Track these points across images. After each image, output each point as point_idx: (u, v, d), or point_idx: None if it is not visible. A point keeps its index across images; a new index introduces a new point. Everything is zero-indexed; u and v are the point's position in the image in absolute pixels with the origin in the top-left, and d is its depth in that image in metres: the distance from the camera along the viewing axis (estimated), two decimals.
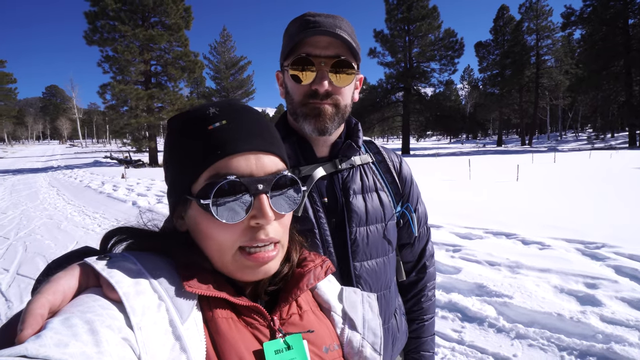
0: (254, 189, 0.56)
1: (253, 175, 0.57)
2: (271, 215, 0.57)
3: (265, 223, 0.57)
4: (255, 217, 0.57)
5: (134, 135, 27.15)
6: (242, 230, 0.57)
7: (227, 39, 46.29)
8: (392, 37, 37.16)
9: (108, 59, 24.67)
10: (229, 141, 0.57)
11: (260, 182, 0.57)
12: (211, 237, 0.59)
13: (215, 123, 0.58)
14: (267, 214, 0.56)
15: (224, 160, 0.56)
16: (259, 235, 0.58)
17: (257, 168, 0.58)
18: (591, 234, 5.18)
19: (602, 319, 2.99)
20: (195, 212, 0.60)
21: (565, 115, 58.91)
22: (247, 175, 0.57)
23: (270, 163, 0.60)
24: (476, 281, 3.78)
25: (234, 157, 0.57)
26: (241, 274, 0.60)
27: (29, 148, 65.33)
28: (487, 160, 21.20)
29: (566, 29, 38.71)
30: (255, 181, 0.57)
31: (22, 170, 23.52)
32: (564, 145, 39.80)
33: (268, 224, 0.58)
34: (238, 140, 0.57)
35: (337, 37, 0.93)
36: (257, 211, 0.57)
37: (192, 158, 0.58)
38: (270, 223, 0.58)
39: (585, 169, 14.72)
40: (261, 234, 0.58)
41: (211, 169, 0.57)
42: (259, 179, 0.57)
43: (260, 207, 0.56)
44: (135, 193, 11.43)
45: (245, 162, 0.57)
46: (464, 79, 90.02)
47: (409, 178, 1.20)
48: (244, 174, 0.57)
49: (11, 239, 6.41)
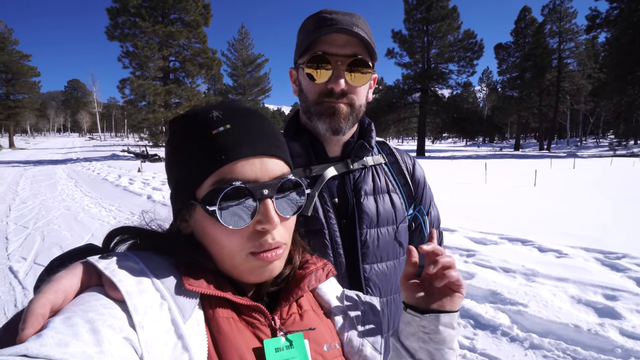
0: (259, 194, 0.56)
1: (258, 180, 0.57)
2: (277, 220, 0.57)
3: (271, 228, 0.57)
4: (261, 222, 0.57)
5: (151, 130, 27.66)
6: (248, 234, 0.58)
7: (245, 37, 46.68)
8: (410, 38, 36.81)
9: (128, 55, 25.21)
10: (233, 146, 0.57)
11: (265, 187, 0.57)
12: (219, 242, 0.59)
13: (220, 127, 0.58)
14: (272, 219, 0.57)
15: (229, 165, 0.56)
16: (266, 239, 0.58)
17: (262, 173, 0.58)
18: (612, 243, 5.01)
19: (622, 333, 2.89)
20: (201, 217, 0.60)
21: (586, 120, 57.34)
22: (252, 180, 0.57)
23: (275, 167, 0.60)
24: (490, 288, 3.69)
25: (238, 162, 0.56)
26: (250, 275, 0.60)
27: (50, 140, 67.26)
28: (504, 165, 20.81)
29: (591, 32, 37.61)
30: (260, 186, 0.57)
31: (43, 162, 24.19)
32: (584, 151, 38.76)
33: (274, 228, 0.58)
34: (242, 145, 0.57)
35: (354, 35, 0.91)
36: (263, 216, 0.57)
37: (196, 163, 0.58)
38: (276, 228, 0.58)
39: (606, 176, 14.29)
40: (268, 238, 0.58)
41: (216, 175, 0.56)
42: (263, 184, 0.57)
43: (266, 212, 0.57)
44: (150, 187, 11.62)
45: (250, 167, 0.57)
46: (482, 81, 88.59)
47: (422, 180, 1.18)
48: (249, 179, 0.56)
49: (30, 228, 6.58)
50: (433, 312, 0.71)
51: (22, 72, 44.80)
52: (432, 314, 0.71)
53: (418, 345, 0.71)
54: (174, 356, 0.48)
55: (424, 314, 0.71)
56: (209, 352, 0.52)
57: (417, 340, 0.71)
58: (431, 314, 0.71)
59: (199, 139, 0.58)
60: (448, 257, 0.71)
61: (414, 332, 0.72)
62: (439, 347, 0.70)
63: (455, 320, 0.72)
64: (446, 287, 0.72)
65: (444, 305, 0.71)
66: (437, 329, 0.70)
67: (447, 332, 0.70)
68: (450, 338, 0.70)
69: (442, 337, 0.70)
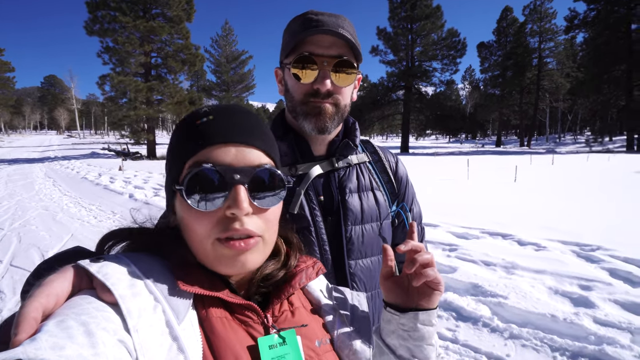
0: (229, 178, 0.57)
1: (232, 166, 0.58)
2: (246, 205, 0.57)
3: (239, 214, 0.57)
4: (230, 207, 0.57)
5: (133, 128, 27.05)
6: (218, 219, 0.58)
7: (228, 33, 46.10)
8: (394, 35, 37.09)
9: (108, 50, 24.53)
10: (211, 133, 0.59)
11: (237, 172, 0.57)
12: (190, 227, 0.59)
13: (203, 118, 0.60)
14: (241, 204, 0.56)
15: (205, 150, 0.58)
16: (234, 225, 0.57)
17: (236, 159, 0.59)
18: (587, 236, 5.20)
19: (595, 321, 3.00)
20: (179, 204, 0.61)
21: (564, 117, 59.03)
22: (226, 164, 0.57)
23: (252, 156, 0.60)
24: (471, 281, 3.78)
25: (214, 147, 0.58)
26: (219, 264, 0.59)
27: (26, 138, 65.02)
28: (485, 161, 21.23)
29: (569, 32, 38.68)
30: (231, 170, 0.57)
31: (19, 160, 23.41)
32: (562, 148, 39.89)
33: (243, 214, 0.57)
34: (220, 132, 0.59)
35: (340, 36, 0.93)
36: (232, 201, 0.57)
37: (180, 150, 0.61)
38: (244, 213, 0.57)
39: (582, 171, 14.76)
40: (236, 224, 0.57)
41: (192, 159, 0.58)
42: (235, 168, 0.57)
43: (235, 197, 0.56)
44: (132, 185, 11.39)
45: (224, 153, 0.58)
46: (465, 79, 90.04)
47: (404, 178, 1.20)
48: (223, 163, 0.57)
49: (5, 230, 6.37)
50: (411, 311, 0.73)
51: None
52: (411, 313, 0.72)
53: (398, 342, 0.73)
54: (170, 358, 0.48)
55: (403, 313, 0.73)
56: (203, 353, 0.52)
57: (397, 338, 0.73)
58: (410, 313, 0.73)
59: (184, 129, 0.61)
60: (427, 254, 0.72)
61: (394, 330, 0.74)
62: (418, 344, 0.72)
63: (433, 318, 0.74)
64: (425, 285, 0.73)
65: (422, 303, 0.73)
66: (415, 327, 0.72)
67: (426, 329, 0.72)
68: (429, 335, 0.72)
69: (420, 334, 0.72)
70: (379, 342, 0.75)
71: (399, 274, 1.22)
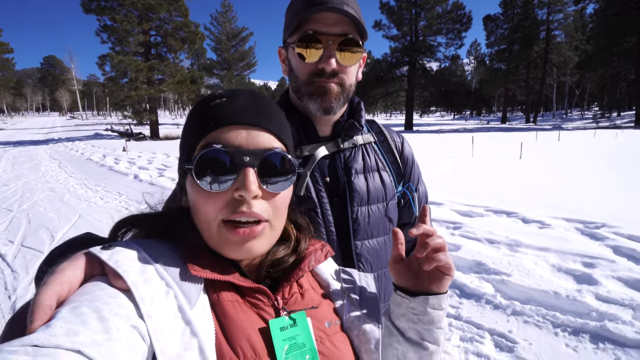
0: (239, 160, 0.57)
1: (242, 148, 0.58)
2: (254, 188, 0.57)
3: (247, 196, 0.57)
4: (238, 189, 0.57)
5: (135, 108, 26.89)
6: (226, 201, 0.58)
7: (228, 9, 45.03)
8: (398, 9, 36.00)
9: (106, 29, 24.06)
10: (223, 115, 0.59)
11: (247, 154, 0.57)
12: (198, 207, 0.60)
13: (217, 100, 0.61)
14: (249, 186, 0.56)
15: (216, 131, 0.59)
16: (241, 208, 0.57)
17: (247, 142, 0.59)
18: (592, 213, 5.19)
19: (598, 298, 3.04)
20: (189, 184, 0.62)
21: (572, 92, 57.89)
22: (236, 146, 0.58)
23: (263, 139, 0.60)
24: (475, 259, 3.82)
25: (225, 129, 0.58)
26: (225, 248, 0.60)
27: (29, 120, 64.98)
28: (490, 138, 21.03)
29: (579, 3, 37.49)
30: (241, 152, 0.57)
31: (23, 142, 23.48)
32: (569, 124, 39.32)
33: (251, 197, 0.57)
34: (232, 114, 0.59)
35: (345, 14, 0.91)
36: (240, 183, 0.57)
37: (192, 130, 0.62)
38: (252, 196, 0.57)
39: (589, 148, 14.60)
40: (243, 207, 0.57)
41: (204, 140, 0.59)
42: (245, 150, 0.58)
43: (244, 179, 0.56)
44: (136, 166, 11.44)
45: (235, 135, 0.58)
46: (470, 53, 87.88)
47: (410, 158, 1.20)
48: (233, 144, 0.58)
49: (15, 211, 6.46)
50: (422, 295, 0.72)
51: None
52: (421, 297, 0.72)
53: (407, 325, 0.73)
54: (183, 342, 0.49)
55: (413, 296, 0.73)
56: (216, 336, 0.54)
57: (406, 321, 0.73)
58: (420, 297, 0.72)
59: (197, 112, 0.63)
60: (439, 238, 0.71)
61: (404, 313, 0.74)
62: (428, 327, 0.72)
63: (443, 302, 0.73)
64: (435, 269, 0.72)
65: (433, 288, 0.73)
66: (425, 311, 0.72)
67: (436, 313, 0.72)
68: (438, 318, 0.73)
69: (430, 318, 0.72)
70: (388, 324, 0.76)
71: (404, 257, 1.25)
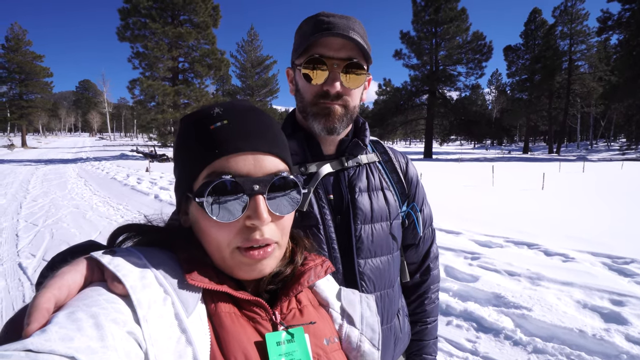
0: (249, 189, 0.56)
1: (250, 176, 0.57)
2: (266, 216, 0.57)
3: (260, 224, 0.57)
4: (250, 218, 0.57)
5: (160, 130, 27.92)
6: (237, 229, 0.58)
7: (254, 38, 46.84)
8: (418, 39, 36.62)
9: (138, 55, 25.46)
10: (228, 140, 0.58)
11: (257, 182, 0.57)
12: (208, 234, 0.59)
13: (217, 123, 0.59)
14: (261, 215, 0.56)
15: (222, 159, 0.57)
16: (254, 235, 0.58)
17: (255, 168, 0.58)
18: (620, 248, 4.94)
19: (628, 339, 2.85)
20: (195, 210, 0.61)
21: (597, 123, 56.53)
22: (244, 175, 0.57)
23: (270, 164, 0.60)
24: (494, 291, 3.67)
25: (231, 157, 0.57)
26: (238, 270, 0.60)
27: (61, 139, 68.17)
28: (511, 168, 20.61)
29: (602, 34, 37.13)
30: (251, 181, 0.57)
31: (54, 161, 24.53)
32: (595, 155, 38.23)
33: (263, 225, 0.57)
34: (237, 140, 0.58)
35: (350, 39, 0.94)
36: (252, 212, 0.57)
37: (194, 156, 0.59)
38: (265, 224, 0.58)
39: (616, 180, 14.07)
40: (256, 234, 0.58)
41: (209, 168, 0.58)
42: (255, 179, 0.57)
43: (256, 208, 0.56)
44: (158, 186, 11.72)
45: (243, 162, 0.57)
46: (491, 83, 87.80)
47: (415, 179, 1.21)
48: (241, 173, 0.57)
49: (40, 226, 6.69)
50: None
51: (35, 72, 45.63)
52: None
53: None
54: (178, 350, 0.49)
55: None
56: (211, 346, 0.53)
57: None
58: None
59: (197, 133, 0.60)
60: None
61: None
62: None
63: None
64: None
65: None
66: None
67: None
68: None
69: None
70: None
71: (409, 279, 1.23)
